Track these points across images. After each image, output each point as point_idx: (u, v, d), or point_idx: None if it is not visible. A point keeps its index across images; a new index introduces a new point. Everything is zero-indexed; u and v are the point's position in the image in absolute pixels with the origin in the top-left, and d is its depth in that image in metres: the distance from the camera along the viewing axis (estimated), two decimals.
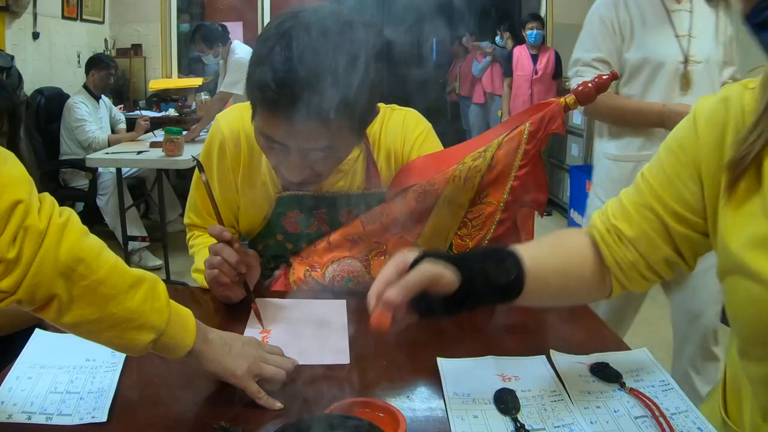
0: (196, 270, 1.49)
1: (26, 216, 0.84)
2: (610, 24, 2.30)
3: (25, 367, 1.12)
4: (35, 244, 0.84)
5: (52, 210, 0.88)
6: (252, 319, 1.33)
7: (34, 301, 0.86)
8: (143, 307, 0.94)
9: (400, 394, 1.07)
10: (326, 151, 1.24)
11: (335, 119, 1.15)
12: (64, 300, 0.87)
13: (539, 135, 1.41)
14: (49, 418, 0.98)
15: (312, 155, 1.25)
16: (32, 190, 0.87)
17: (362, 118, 1.27)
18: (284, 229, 1.53)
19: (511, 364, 1.16)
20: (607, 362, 1.14)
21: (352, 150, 1.38)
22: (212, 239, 1.39)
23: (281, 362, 1.08)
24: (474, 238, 1.45)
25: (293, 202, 1.50)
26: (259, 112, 1.22)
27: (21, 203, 0.84)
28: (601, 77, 1.39)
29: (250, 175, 1.52)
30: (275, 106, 1.16)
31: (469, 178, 1.41)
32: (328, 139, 1.21)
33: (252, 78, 1.19)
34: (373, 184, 1.51)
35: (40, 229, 0.85)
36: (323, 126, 1.17)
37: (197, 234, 1.61)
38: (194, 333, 1.01)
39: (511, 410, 1.01)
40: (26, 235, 0.83)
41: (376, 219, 1.46)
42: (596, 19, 2.35)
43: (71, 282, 0.87)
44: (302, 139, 1.21)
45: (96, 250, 0.91)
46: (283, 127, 1.19)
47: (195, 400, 1.04)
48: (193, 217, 1.61)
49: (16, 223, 0.83)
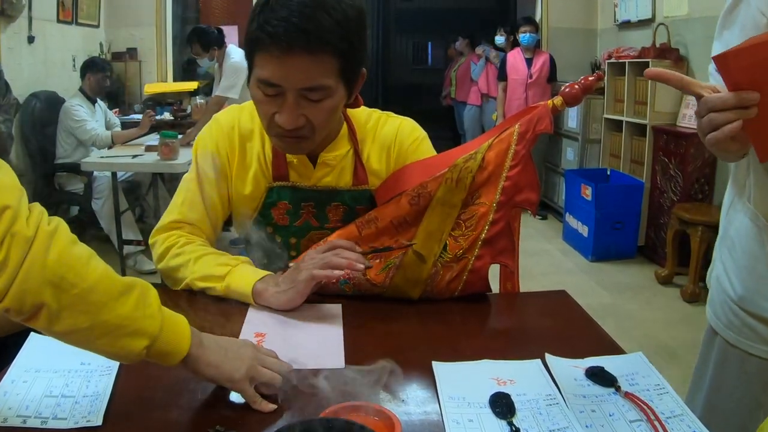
0: (207, 278, 1.44)
1: (14, 222, 0.84)
2: None
3: (21, 371, 1.11)
4: (22, 251, 0.84)
5: (40, 218, 0.88)
6: (247, 322, 1.33)
7: (22, 310, 0.86)
8: (135, 313, 0.94)
9: (395, 397, 1.07)
10: (319, 94, 1.31)
11: (328, 56, 1.27)
12: (53, 309, 0.87)
13: (528, 136, 1.46)
14: (44, 422, 0.98)
15: (305, 100, 1.32)
16: (21, 198, 0.87)
17: (351, 66, 1.34)
18: (273, 221, 1.56)
19: (506, 367, 1.16)
20: (602, 366, 1.14)
21: (341, 105, 1.41)
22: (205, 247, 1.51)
23: (278, 366, 1.08)
24: (468, 239, 1.46)
25: (283, 193, 1.53)
26: (258, 57, 1.30)
27: (8, 209, 0.84)
28: (587, 79, 1.44)
29: (243, 164, 1.55)
30: (275, 41, 1.24)
31: (461, 179, 1.44)
32: (321, 76, 1.29)
33: (252, 23, 1.29)
34: (360, 182, 1.55)
35: (27, 236, 0.85)
36: (317, 61, 1.27)
37: (187, 239, 1.54)
38: (189, 338, 1.01)
39: (507, 414, 1.01)
40: (13, 241, 0.83)
41: (372, 224, 1.48)
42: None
43: (60, 290, 0.87)
44: (298, 75, 1.27)
45: (85, 258, 0.91)
46: (280, 65, 1.26)
47: (190, 404, 1.04)
48: (187, 212, 1.56)
49: (3, 228, 0.83)
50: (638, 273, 4.97)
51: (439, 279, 1.46)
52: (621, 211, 5.19)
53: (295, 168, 1.53)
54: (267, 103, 1.34)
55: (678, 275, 4.63)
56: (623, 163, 5.64)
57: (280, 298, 1.37)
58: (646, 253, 5.28)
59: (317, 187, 1.54)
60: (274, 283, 1.39)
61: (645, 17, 5.80)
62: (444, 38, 9.22)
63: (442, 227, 1.47)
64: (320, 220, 1.56)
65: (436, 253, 1.46)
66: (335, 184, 1.54)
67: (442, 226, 1.47)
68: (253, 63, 1.33)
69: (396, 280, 1.44)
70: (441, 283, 1.46)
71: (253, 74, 1.34)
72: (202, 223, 1.56)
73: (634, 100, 5.50)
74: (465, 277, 1.47)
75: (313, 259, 1.37)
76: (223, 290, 1.41)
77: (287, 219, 1.55)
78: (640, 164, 5.41)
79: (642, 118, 5.31)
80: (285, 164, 1.53)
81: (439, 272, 1.46)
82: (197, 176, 1.56)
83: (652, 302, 4.39)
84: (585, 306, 1.49)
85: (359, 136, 1.57)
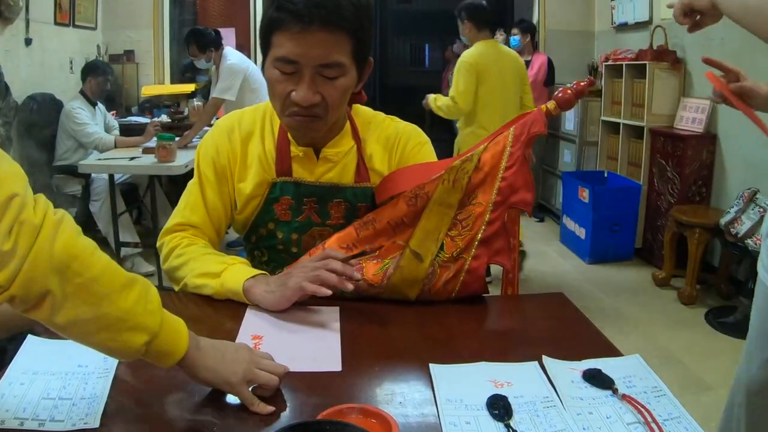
0: (204, 275, 1.45)
1: (22, 210, 0.84)
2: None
3: (18, 373, 1.11)
4: (30, 238, 0.84)
5: (47, 207, 0.89)
6: (244, 325, 1.33)
7: (27, 297, 0.86)
8: (137, 307, 0.94)
9: (392, 400, 1.07)
10: (335, 71, 1.38)
11: (343, 34, 1.35)
12: (57, 297, 0.87)
13: (523, 138, 1.50)
14: (41, 424, 0.98)
15: (321, 78, 1.38)
16: (27, 186, 0.88)
17: (362, 48, 1.42)
18: (276, 217, 1.58)
19: (503, 370, 1.16)
20: (599, 368, 1.14)
21: (352, 87, 1.46)
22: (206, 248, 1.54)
23: (274, 368, 1.08)
24: (465, 238, 1.48)
25: (286, 188, 1.55)
26: (276, 36, 1.37)
27: (17, 197, 0.84)
28: (579, 84, 1.51)
29: (244, 165, 1.58)
30: (295, 18, 1.31)
31: (457, 179, 1.48)
32: (338, 53, 1.36)
33: (270, 6, 1.36)
34: (362, 179, 1.58)
35: (35, 224, 0.85)
36: (334, 39, 1.34)
37: (190, 240, 1.56)
38: (187, 340, 1.01)
39: (504, 416, 1.01)
40: (21, 229, 0.83)
41: (369, 225, 1.49)
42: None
43: (65, 279, 0.87)
44: (316, 51, 1.34)
45: (90, 248, 0.92)
46: (299, 41, 1.33)
47: (187, 407, 1.04)
48: (189, 215, 1.59)
49: (12, 216, 0.83)
50: (635, 275, 4.97)
51: (436, 279, 1.47)
52: (618, 214, 5.19)
53: (299, 162, 1.56)
54: (283, 82, 1.39)
55: (675, 277, 4.63)
56: (620, 166, 5.65)
57: (268, 298, 1.38)
58: (643, 256, 5.28)
59: (320, 183, 1.56)
60: (265, 283, 1.41)
61: (642, 19, 5.81)
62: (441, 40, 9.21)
63: (439, 227, 1.48)
64: (322, 216, 1.58)
65: (434, 252, 1.47)
66: (338, 180, 1.57)
67: (439, 226, 1.48)
68: (270, 44, 1.39)
69: (393, 280, 1.45)
70: (438, 284, 1.47)
71: (269, 56, 1.40)
72: (204, 226, 1.59)
73: (631, 103, 5.51)
74: (462, 278, 1.47)
75: (305, 267, 1.39)
76: (217, 287, 1.43)
77: (289, 215, 1.57)
78: (637, 166, 5.42)
79: (639, 121, 5.32)
80: (288, 159, 1.55)
81: (436, 272, 1.47)
82: (199, 180, 1.60)
83: (650, 304, 4.39)
84: (582, 308, 1.50)
85: (362, 135, 1.60)
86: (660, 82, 5.16)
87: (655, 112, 5.19)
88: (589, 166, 6.18)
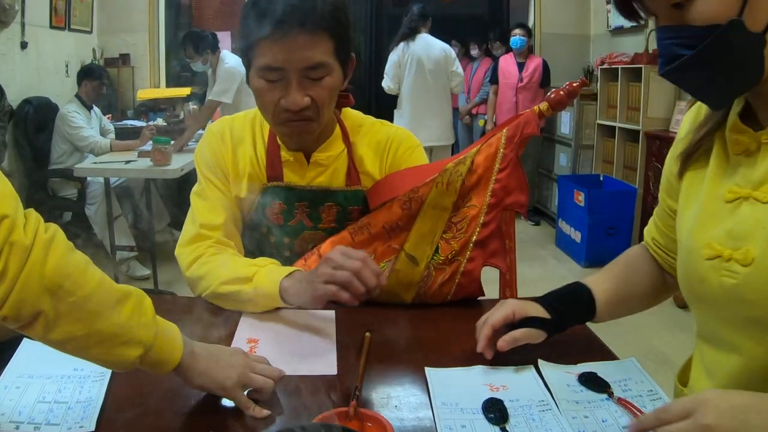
0: (233, 281, 1.41)
1: (12, 231, 0.84)
2: None
3: (13, 376, 1.11)
4: (21, 260, 0.84)
5: (37, 226, 0.88)
6: (239, 329, 1.33)
7: (19, 317, 0.86)
8: (130, 322, 0.94)
9: (388, 403, 1.07)
10: (320, 72, 1.38)
11: (324, 35, 1.35)
12: (50, 317, 0.87)
13: (516, 139, 1.50)
14: (37, 428, 0.98)
15: (308, 80, 1.38)
16: (18, 206, 0.87)
17: (344, 46, 1.42)
18: (268, 221, 1.57)
19: (499, 373, 1.16)
20: (595, 372, 1.15)
21: (339, 86, 1.45)
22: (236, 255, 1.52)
23: (269, 372, 1.08)
24: (460, 241, 1.49)
25: (278, 193, 1.54)
26: (258, 47, 1.36)
27: (6, 218, 0.83)
28: (571, 84, 1.50)
29: (236, 169, 1.57)
30: (275, 26, 1.31)
31: (451, 182, 1.48)
32: (320, 54, 1.36)
33: (247, 18, 1.36)
34: (353, 183, 1.57)
35: (25, 245, 0.84)
36: (315, 40, 1.34)
37: (216, 249, 1.51)
38: (181, 347, 1.01)
39: (500, 420, 1.01)
40: (12, 251, 0.83)
41: (364, 230, 1.49)
42: None
43: (57, 298, 0.87)
44: (299, 54, 1.34)
45: (82, 266, 0.91)
46: (281, 47, 1.33)
47: (183, 410, 1.04)
48: (209, 217, 1.53)
49: (2, 238, 0.82)
50: None
51: (432, 282, 1.47)
52: (614, 217, 5.19)
53: (290, 166, 1.55)
54: (270, 91, 1.39)
55: None
56: (616, 169, 5.66)
57: (305, 296, 1.32)
58: None
59: (311, 187, 1.55)
60: (302, 279, 1.35)
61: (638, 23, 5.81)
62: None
63: (434, 230, 1.48)
64: (314, 220, 1.57)
65: (429, 255, 1.48)
66: (328, 184, 1.56)
67: (434, 229, 1.48)
68: (252, 55, 1.38)
69: (389, 283, 1.45)
70: (433, 286, 1.47)
71: (253, 67, 1.39)
72: (226, 224, 1.54)
73: (626, 106, 5.53)
74: (457, 280, 1.48)
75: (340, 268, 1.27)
76: (250, 292, 1.38)
77: (281, 219, 1.56)
78: (632, 170, 5.43)
79: (635, 124, 5.34)
80: (280, 164, 1.54)
81: (432, 275, 1.47)
82: (206, 184, 1.57)
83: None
84: None
85: (352, 138, 1.59)
86: (655, 85, 5.17)
87: (651, 116, 5.20)
88: (585, 170, 6.19)
